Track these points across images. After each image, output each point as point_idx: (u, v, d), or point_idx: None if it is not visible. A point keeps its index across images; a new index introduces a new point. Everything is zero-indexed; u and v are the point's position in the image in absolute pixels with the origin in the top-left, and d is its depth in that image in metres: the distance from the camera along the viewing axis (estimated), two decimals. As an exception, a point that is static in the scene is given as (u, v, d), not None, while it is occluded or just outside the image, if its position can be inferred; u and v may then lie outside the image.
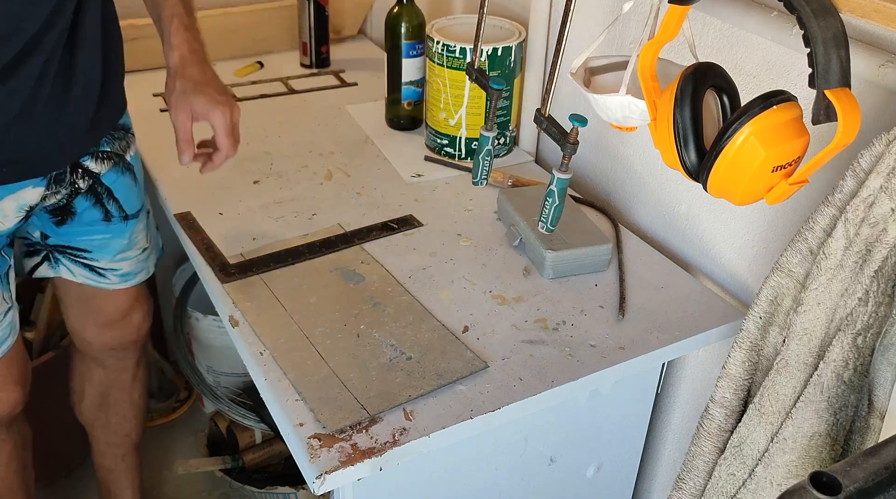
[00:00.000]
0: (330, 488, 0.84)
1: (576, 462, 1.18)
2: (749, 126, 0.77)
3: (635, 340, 1.03)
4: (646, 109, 0.89)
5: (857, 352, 0.82)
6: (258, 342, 1.00)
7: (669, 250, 1.25)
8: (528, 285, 1.12)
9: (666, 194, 1.24)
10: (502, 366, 0.98)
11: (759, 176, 0.78)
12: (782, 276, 0.87)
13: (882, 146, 0.77)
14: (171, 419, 1.99)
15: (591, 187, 1.41)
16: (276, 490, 1.70)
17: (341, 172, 1.38)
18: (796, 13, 0.74)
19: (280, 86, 1.69)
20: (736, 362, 0.93)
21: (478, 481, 1.07)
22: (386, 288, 1.10)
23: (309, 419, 0.89)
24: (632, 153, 1.30)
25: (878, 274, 0.79)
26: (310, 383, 0.94)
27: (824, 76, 0.72)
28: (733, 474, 0.94)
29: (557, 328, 1.05)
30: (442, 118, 1.41)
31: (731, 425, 0.96)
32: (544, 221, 1.00)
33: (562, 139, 0.94)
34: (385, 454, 0.86)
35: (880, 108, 0.89)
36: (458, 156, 1.43)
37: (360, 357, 0.98)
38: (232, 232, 1.21)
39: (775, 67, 1.01)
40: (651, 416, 1.24)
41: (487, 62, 1.34)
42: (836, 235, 0.80)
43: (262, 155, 1.42)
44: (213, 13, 1.76)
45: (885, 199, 0.76)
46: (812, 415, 0.85)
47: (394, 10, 1.45)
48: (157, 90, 1.62)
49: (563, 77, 0.95)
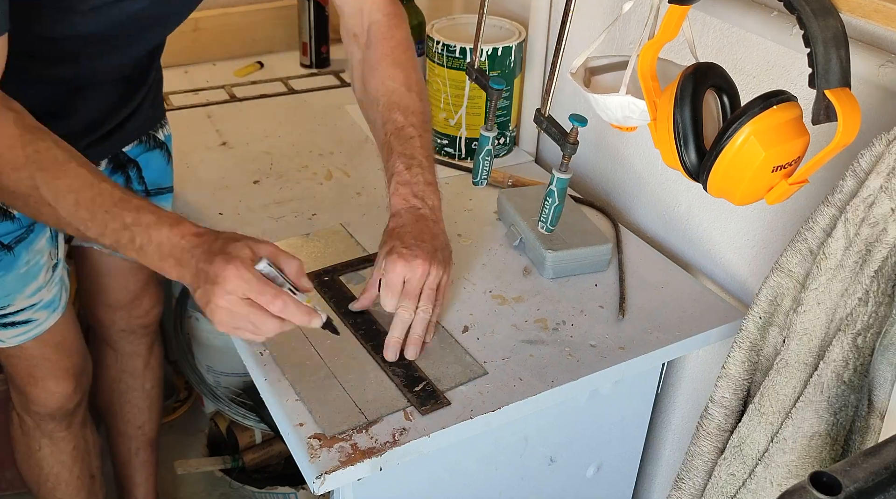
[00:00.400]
0: (330, 488, 0.84)
1: (576, 462, 1.17)
2: (749, 126, 0.77)
3: (635, 340, 1.03)
4: (646, 109, 0.89)
5: (857, 352, 0.82)
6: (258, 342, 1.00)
7: (669, 250, 1.25)
8: (528, 285, 1.12)
9: (666, 194, 1.24)
10: (502, 366, 0.98)
11: (759, 176, 0.78)
12: (782, 276, 0.87)
13: (882, 146, 0.77)
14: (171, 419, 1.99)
15: (591, 187, 1.40)
16: (276, 490, 1.70)
17: (341, 172, 1.38)
18: (796, 13, 0.74)
19: (280, 86, 1.69)
20: (736, 362, 0.93)
21: (478, 481, 1.07)
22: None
23: (309, 419, 0.89)
24: (632, 153, 1.30)
25: (878, 274, 0.79)
26: (309, 383, 0.94)
27: (824, 76, 0.72)
28: (733, 474, 0.94)
29: (557, 328, 1.05)
30: (442, 118, 1.41)
31: (731, 425, 0.96)
32: (544, 221, 1.00)
33: (562, 139, 0.94)
34: (385, 454, 0.86)
35: (880, 108, 0.89)
36: (458, 156, 1.43)
37: (359, 358, 0.98)
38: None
39: (775, 67, 1.01)
40: (651, 416, 1.24)
41: (487, 62, 1.34)
42: (836, 235, 0.80)
43: (262, 155, 1.43)
44: (212, 13, 1.76)
45: (885, 199, 0.76)
46: (812, 415, 0.85)
47: (394, 10, 1.45)
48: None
49: (563, 77, 0.95)
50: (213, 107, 1.59)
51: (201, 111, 1.57)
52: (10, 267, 1.10)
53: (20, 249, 1.10)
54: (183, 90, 1.63)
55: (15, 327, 1.15)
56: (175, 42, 1.71)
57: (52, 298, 1.18)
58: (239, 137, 1.48)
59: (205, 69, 1.74)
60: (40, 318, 1.17)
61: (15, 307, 1.13)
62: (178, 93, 1.62)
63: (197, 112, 1.57)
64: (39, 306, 1.16)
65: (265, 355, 0.98)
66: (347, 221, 1.24)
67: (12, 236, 1.09)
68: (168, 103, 1.58)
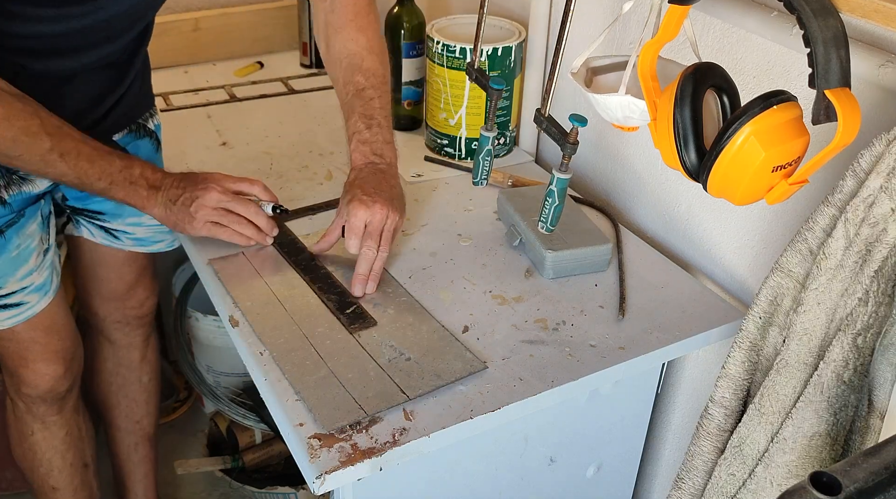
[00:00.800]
0: (330, 488, 0.84)
1: (576, 462, 1.18)
2: (749, 126, 0.77)
3: (635, 340, 1.03)
4: (646, 109, 0.89)
5: (857, 352, 0.82)
6: (258, 342, 1.00)
7: (669, 250, 1.25)
8: (527, 285, 1.12)
9: (666, 194, 1.24)
10: (502, 366, 0.98)
11: (759, 176, 0.78)
12: (782, 276, 0.87)
13: (882, 146, 0.77)
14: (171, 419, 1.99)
15: (591, 187, 1.41)
16: (276, 490, 1.70)
17: (341, 172, 1.38)
18: (796, 13, 0.74)
19: (280, 86, 1.69)
20: (736, 362, 0.93)
21: (478, 481, 1.07)
22: (386, 288, 1.10)
23: (309, 419, 0.89)
24: (632, 153, 1.30)
25: (878, 274, 0.79)
26: (308, 382, 0.94)
27: (824, 76, 0.72)
28: (733, 474, 0.94)
29: (557, 328, 1.05)
30: (442, 118, 1.41)
31: (731, 425, 0.96)
32: (544, 221, 1.00)
33: (562, 139, 0.94)
34: (385, 454, 0.86)
35: (880, 108, 0.89)
36: (458, 156, 1.43)
37: (360, 358, 0.98)
38: (232, 232, 1.20)
39: (775, 67, 1.01)
40: (651, 416, 1.24)
41: (487, 62, 1.34)
42: (836, 235, 0.80)
43: (262, 155, 1.43)
44: (212, 13, 1.76)
45: (885, 199, 0.76)
46: (812, 415, 0.85)
47: (394, 10, 1.45)
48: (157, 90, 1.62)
49: (563, 77, 0.95)
50: (213, 107, 1.59)
51: (201, 111, 1.57)
52: (2, 251, 1.13)
53: (11, 234, 1.14)
54: (183, 90, 1.64)
55: (6, 310, 1.18)
56: (175, 42, 1.73)
57: (44, 282, 1.21)
58: (239, 137, 1.48)
59: (205, 69, 1.74)
60: (31, 301, 1.20)
61: (6, 290, 1.16)
62: (178, 93, 1.62)
63: (197, 112, 1.57)
64: (31, 290, 1.19)
65: (265, 355, 0.98)
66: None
67: (3, 221, 1.13)
68: (168, 103, 1.58)
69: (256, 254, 1.15)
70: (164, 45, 1.70)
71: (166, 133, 1.37)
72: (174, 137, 1.46)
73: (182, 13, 1.76)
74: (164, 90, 1.62)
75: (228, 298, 1.07)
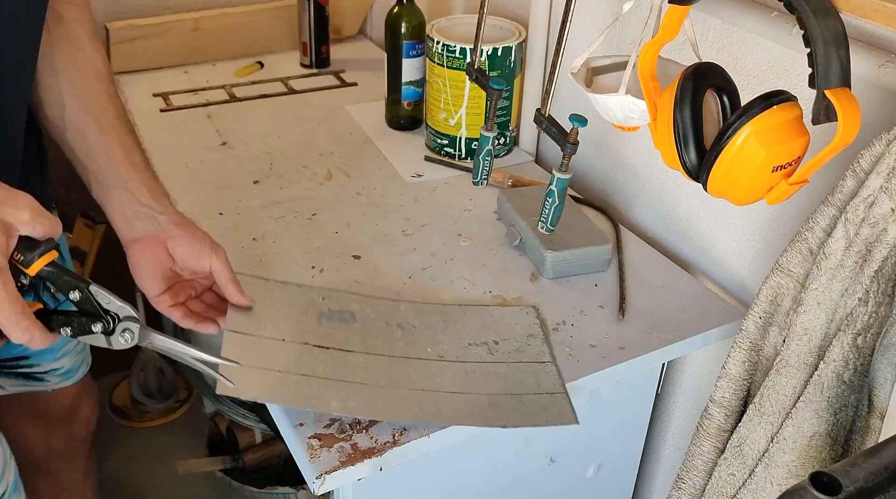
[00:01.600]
0: (330, 488, 0.84)
1: (576, 462, 1.17)
2: (749, 126, 0.77)
3: (635, 340, 1.03)
4: (646, 109, 0.89)
5: (858, 352, 0.82)
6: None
7: (669, 250, 1.25)
8: (528, 285, 1.12)
9: (666, 194, 1.24)
10: (502, 366, 0.98)
11: (759, 176, 0.78)
12: (782, 276, 0.87)
13: (882, 146, 0.77)
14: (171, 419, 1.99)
15: (591, 187, 1.41)
16: (276, 490, 1.70)
17: (341, 172, 1.38)
18: (796, 13, 0.74)
19: (280, 86, 1.69)
20: (736, 362, 0.93)
21: (478, 481, 1.07)
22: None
23: (309, 419, 0.89)
24: (632, 153, 1.30)
25: (878, 274, 0.79)
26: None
27: (824, 76, 0.72)
28: (733, 474, 0.94)
29: (557, 328, 1.05)
30: (442, 118, 1.41)
31: (731, 425, 0.96)
32: (544, 221, 1.00)
33: (562, 139, 0.94)
34: (385, 454, 0.86)
35: (880, 108, 0.89)
36: (458, 156, 1.43)
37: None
38: (232, 232, 1.20)
39: (775, 67, 1.01)
40: (651, 416, 1.24)
41: (487, 62, 1.34)
42: (836, 235, 0.80)
43: (262, 155, 1.43)
44: (212, 13, 1.76)
45: (885, 199, 0.76)
46: (812, 415, 0.85)
47: (394, 10, 1.45)
48: (157, 90, 1.62)
49: (563, 77, 0.95)
50: (213, 107, 1.59)
51: (201, 111, 1.57)
52: None
53: None
54: (183, 90, 1.63)
55: None
56: (175, 42, 1.73)
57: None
58: (239, 137, 1.48)
59: (205, 69, 1.74)
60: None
61: None
62: (178, 93, 1.62)
63: (197, 112, 1.57)
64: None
65: (265, 355, 0.98)
66: (347, 221, 1.24)
67: None
68: (168, 103, 1.58)
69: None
70: (164, 45, 1.71)
71: (166, 133, 1.37)
72: (174, 137, 1.46)
73: (182, 13, 1.76)
74: (164, 90, 1.62)
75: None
